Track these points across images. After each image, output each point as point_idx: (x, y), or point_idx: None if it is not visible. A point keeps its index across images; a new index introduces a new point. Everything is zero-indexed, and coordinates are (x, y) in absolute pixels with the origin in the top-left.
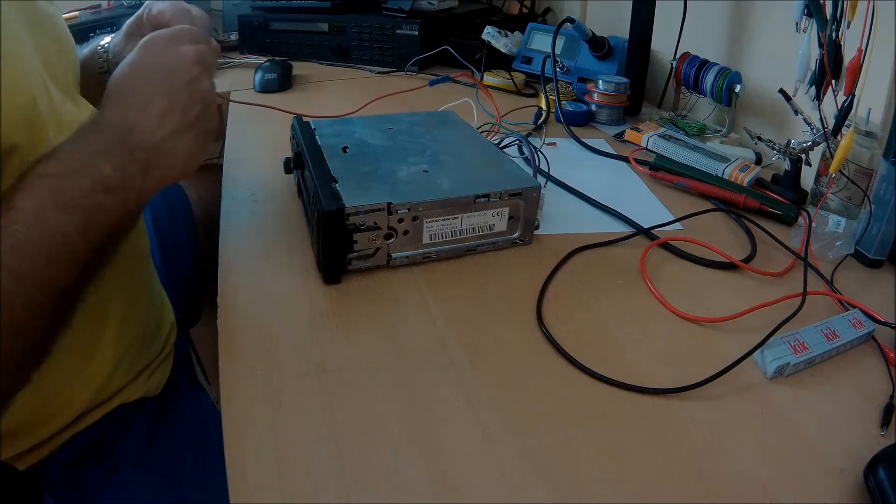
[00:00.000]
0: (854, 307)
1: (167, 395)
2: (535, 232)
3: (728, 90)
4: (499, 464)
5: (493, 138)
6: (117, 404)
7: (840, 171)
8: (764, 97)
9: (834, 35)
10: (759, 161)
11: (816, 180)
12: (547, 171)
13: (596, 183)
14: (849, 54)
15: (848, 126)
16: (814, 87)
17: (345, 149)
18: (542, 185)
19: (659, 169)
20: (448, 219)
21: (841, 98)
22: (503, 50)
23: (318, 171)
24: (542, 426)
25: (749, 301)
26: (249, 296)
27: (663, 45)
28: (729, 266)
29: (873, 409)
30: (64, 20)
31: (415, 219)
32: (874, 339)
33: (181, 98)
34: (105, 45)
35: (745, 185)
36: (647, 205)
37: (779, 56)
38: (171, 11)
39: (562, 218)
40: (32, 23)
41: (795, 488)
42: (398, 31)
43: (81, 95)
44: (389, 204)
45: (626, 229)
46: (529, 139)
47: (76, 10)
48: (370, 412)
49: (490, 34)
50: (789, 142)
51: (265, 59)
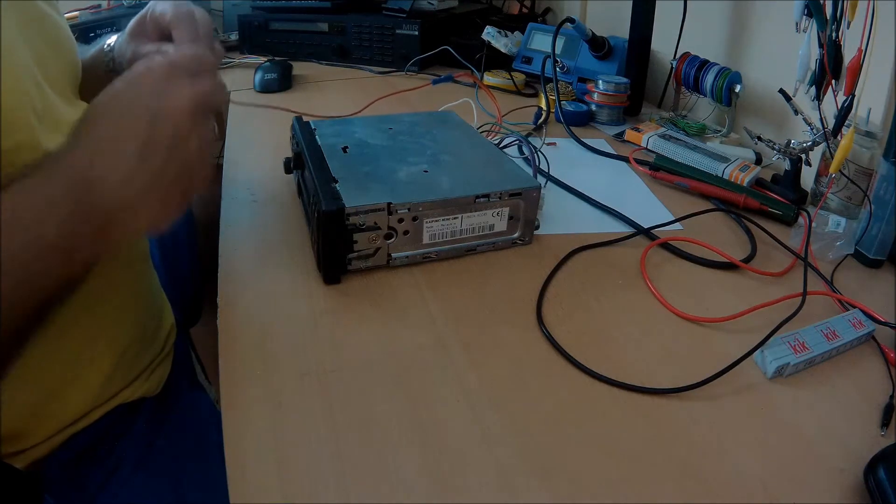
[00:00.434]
0: (854, 307)
1: (167, 395)
2: (535, 232)
3: (728, 90)
4: (499, 464)
5: (494, 138)
6: (117, 404)
7: (840, 171)
8: (764, 97)
9: (834, 35)
10: (759, 161)
11: (816, 180)
12: (547, 171)
13: (596, 183)
14: (849, 54)
15: (848, 126)
16: (814, 87)
17: (345, 149)
18: (542, 185)
19: (659, 169)
20: (448, 219)
21: (841, 98)
22: (503, 50)
23: (318, 171)
24: (542, 426)
25: (749, 301)
26: (249, 296)
27: (663, 45)
28: (729, 266)
29: (873, 409)
30: (64, 20)
31: (415, 219)
32: (874, 339)
33: (159, 154)
34: (110, 45)
35: (745, 185)
36: (647, 205)
37: (779, 56)
38: (173, 13)
39: (562, 218)
40: (28, 22)
41: (795, 488)
42: (398, 31)
43: (87, 96)
44: (389, 204)
45: (626, 229)
46: (529, 139)
47: (76, 10)
48: (370, 412)
49: (490, 34)
50: (789, 142)
51: (265, 59)
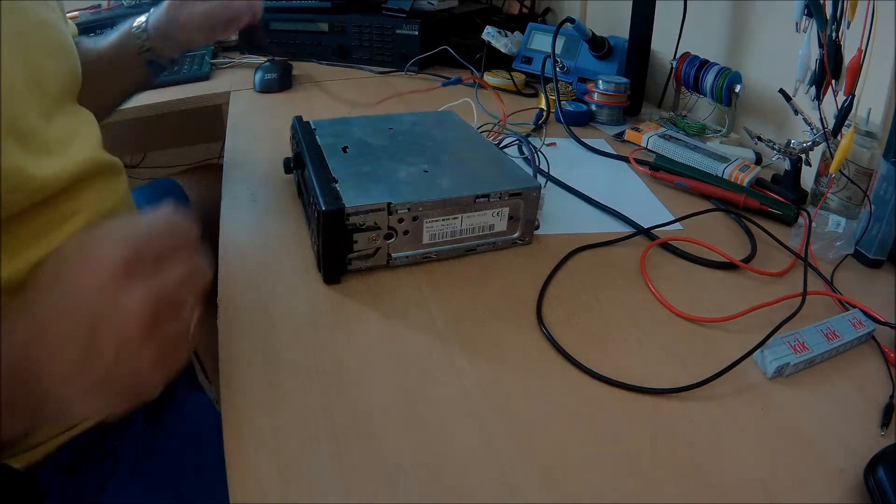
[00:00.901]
0: (854, 307)
1: (166, 395)
2: (536, 232)
3: (728, 90)
4: (499, 464)
5: (497, 139)
6: None
7: (840, 171)
8: (764, 97)
9: (834, 35)
10: (759, 161)
11: (816, 180)
12: (547, 171)
13: (596, 183)
14: (849, 54)
15: (848, 126)
16: (814, 87)
17: (345, 149)
18: (542, 185)
19: (659, 169)
20: (448, 219)
21: (841, 98)
22: (503, 50)
23: (318, 171)
24: (542, 426)
25: (749, 301)
26: (249, 296)
27: (663, 45)
28: (729, 266)
29: (873, 409)
30: (64, 22)
31: (415, 219)
32: (874, 339)
33: (101, 364)
34: (142, 25)
35: (745, 185)
36: (647, 205)
37: (779, 56)
38: None
39: (562, 218)
40: (22, 32)
41: (795, 488)
42: (398, 31)
43: (114, 85)
44: (389, 204)
45: (626, 229)
46: (529, 139)
47: (76, 11)
48: (370, 412)
49: (490, 34)
50: (789, 142)
51: (265, 59)
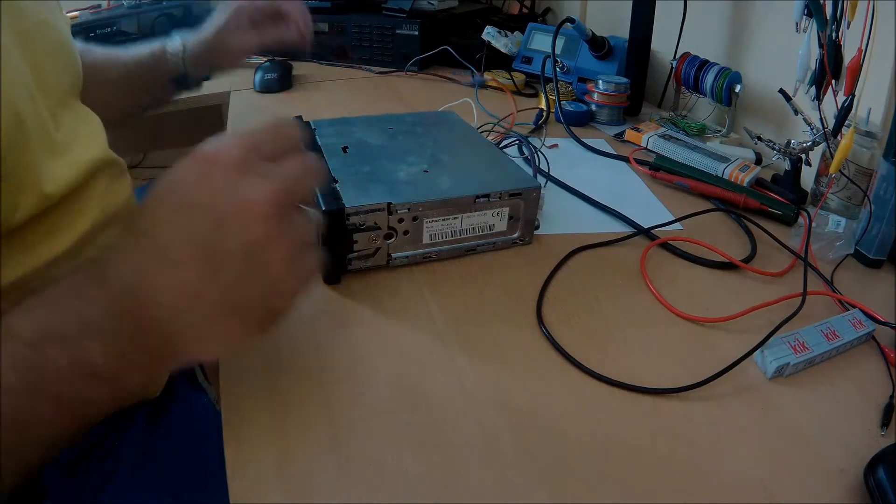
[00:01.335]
0: (854, 307)
1: (166, 395)
2: (535, 232)
3: (728, 90)
4: (499, 463)
5: (499, 140)
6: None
7: (840, 171)
8: (764, 97)
9: (834, 35)
10: (759, 161)
11: (816, 180)
12: (547, 171)
13: (596, 183)
14: (849, 54)
15: (848, 126)
16: (814, 87)
17: (345, 149)
18: (542, 185)
19: (659, 169)
20: (448, 219)
21: (841, 98)
22: (503, 50)
23: None
24: (542, 426)
25: (749, 301)
26: None
27: (663, 45)
28: (729, 266)
29: (873, 409)
30: (64, 23)
31: (415, 219)
32: (874, 339)
33: (228, 271)
34: (178, 51)
35: (745, 185)
36: (647, 205)
37: (779, 56)
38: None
39: (562, 218)
40: (24, 32)
41: (795, 488)
42: (398, 31)
43: (137, 95)
44: (389, 204)
45: (626, 229)
46: (529, 139)
47: (76, 11)
48: (370, 412)
49: (490, 34)
50: (789, 142)
51: (265, 59)
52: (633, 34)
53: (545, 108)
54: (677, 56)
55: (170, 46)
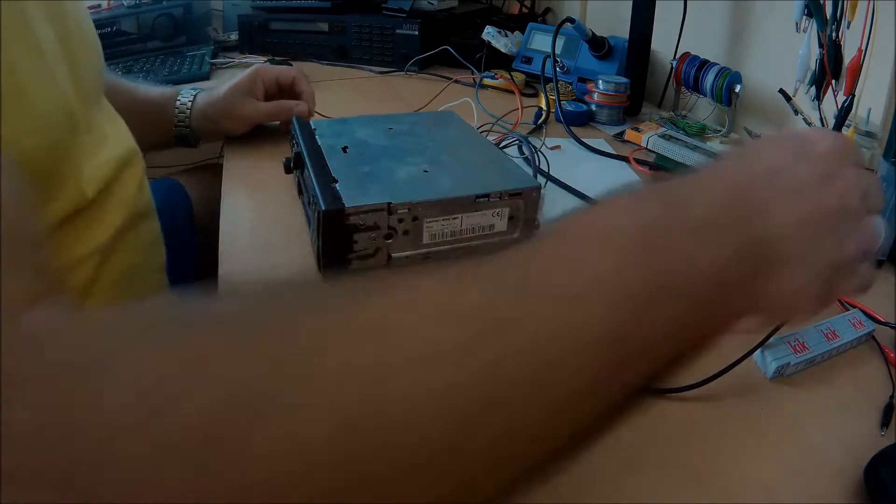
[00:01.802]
0: (854, 307)
1: None
2: (536, 232)
3: (728, 90)
4: None
5: (503, 140)
6: None
7: None
8: (764, 97)
9: (834, 35)
10: None
11: None
12: (547, 171)
13: (596, 183)
14: (849, 54)
15: (848, 126)
16: (814, 87)
17: (345, 149)
18: (543, 185)
19: (659, 169)
20: (448, 219)
21: (841, 98)
22: (503, 50)
23: (318, 171)
24: None
25: None
26: None
27: (663, 45)
28: None
29: (873, 409)
30: (90, 21)
31: (415, 219)
32: (874, 339)
33: (824, 236)
34: (186, 106)
35: None
36: None
37: (779, 56)
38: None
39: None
40: (65, 32)
41: (795, 488)
42: (398, 31)
43: (139, 133)
44: (389, 204)
45: None
46: (529, 139)
47: None
48: None
49: (490, 34)
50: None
51: (265, 58)
52: (633, 34)
53: (545, 108)
54: (677, 56)
55: (180, 97)
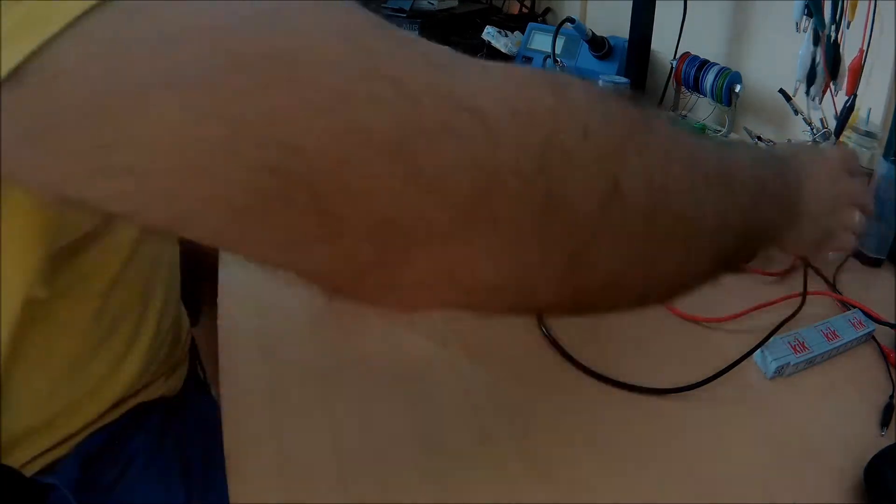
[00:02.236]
0: (854, 307)
1: (177, 393)
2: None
3: (728, 90)
4: (499, 463)
5: None
6: (138, 402)
7: None
8: (764, 97)
9: (833, 36)
10: None
11: None
12: None
13: None
14: (850, 54)
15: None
16: (811, 85)
17: None
18: None
19: None
20: None
21: (841, 98)
22: (503, 50)
23: None
24: (542, 426)
25: (749, 301)
26: (250, 296)
27: (663, 45)
28: None
29: (873, 409)
30: None
31: None
32: (874, 339)
33: (824, 203)
34: None
35: None
36: None
37: (779, 56)
38: None
39: None
40: None
41: (795, 488)
42: None
43: None
44: None
45: None
46: None
47: None
48: (370, 412)
49: (490, 34)
50: (789, 142)
51: None
52: (633, 34)
53: None
54: (677, 56)
55: None
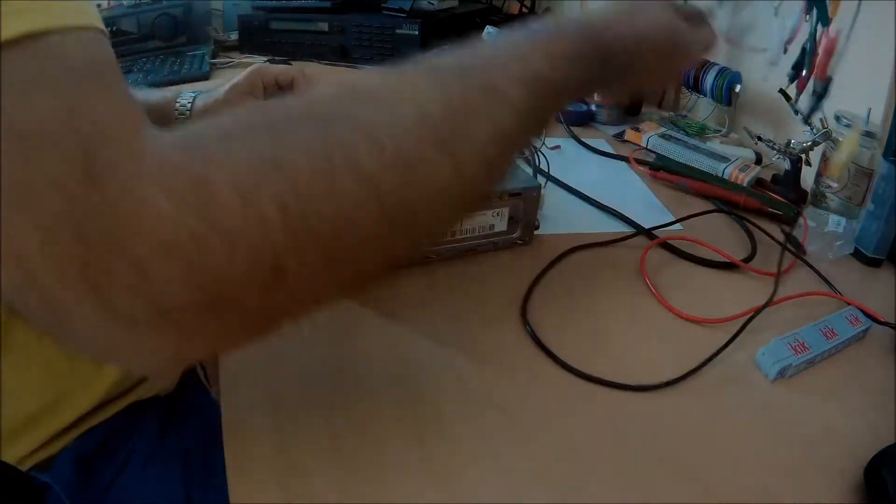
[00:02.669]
0: (850, 304)
1: (175, 393)
2: (536, 232)
3: (728, 90)
4: (498, 463)
5: None
6: (132, 401)
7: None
8: (764, 97)
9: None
10: (759, 161)
11: (816, 180)
12: (547, 170)
13: (596, 183)
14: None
15: (848, 126)
16: (793, 70)
17: None
18: (542, 185)
19: (659, 169)
20: None
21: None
22: None
23: None
24: (543, 426)
25: (749, 301)
26: None
27: None
28: (729, 266)
29: (873, 409)
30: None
31: None
32: (871, 336)
33: (656, 31)
34: (187, 104)
35: (745, 185)
36: (647, 205)
37: (779, 56)
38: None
39: (562, 218)
40: None
41: (795, 488)
42: (398, 31)
43: None
44: None
45: (626, 229)
46: None
47: None
48: (370, 412)
49: (490, 34)
50: (789, 142)
51: (265, 58)
52: None
53: None
54: None
55: (180, 100)
